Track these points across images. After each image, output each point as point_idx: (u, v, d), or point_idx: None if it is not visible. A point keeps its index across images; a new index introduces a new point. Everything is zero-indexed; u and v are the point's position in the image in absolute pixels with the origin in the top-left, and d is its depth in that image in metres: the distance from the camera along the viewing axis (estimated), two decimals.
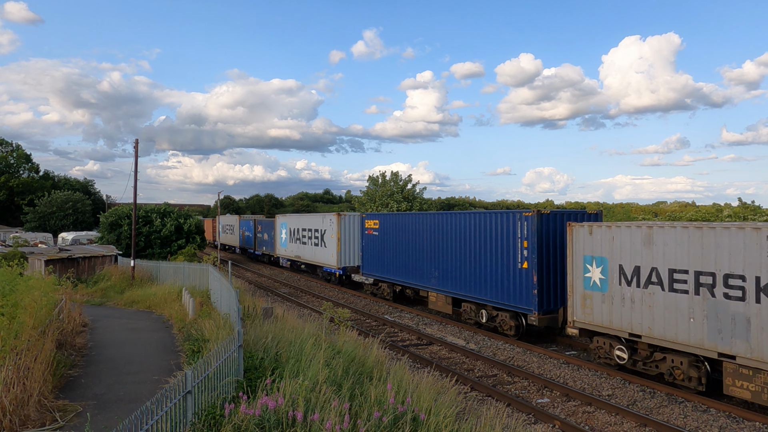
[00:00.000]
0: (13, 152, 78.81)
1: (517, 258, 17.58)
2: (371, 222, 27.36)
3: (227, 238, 61.66)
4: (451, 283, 20.79)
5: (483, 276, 19.13)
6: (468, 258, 19.81)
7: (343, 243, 30.74)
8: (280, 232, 40.97)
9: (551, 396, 13.15)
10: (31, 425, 8.63)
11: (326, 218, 32.54)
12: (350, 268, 30.47)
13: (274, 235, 43.03)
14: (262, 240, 46.87)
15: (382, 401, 8.27)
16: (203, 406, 7.77)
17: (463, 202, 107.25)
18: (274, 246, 43.08)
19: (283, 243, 40.50)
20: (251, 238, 50.50)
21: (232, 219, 59.51)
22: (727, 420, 11.41)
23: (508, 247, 17.94)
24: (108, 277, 28.17)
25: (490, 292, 18.75)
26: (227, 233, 61.62)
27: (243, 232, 53.91)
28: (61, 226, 64.25)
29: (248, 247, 51.47)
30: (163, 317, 19.33)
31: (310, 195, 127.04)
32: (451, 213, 21.08)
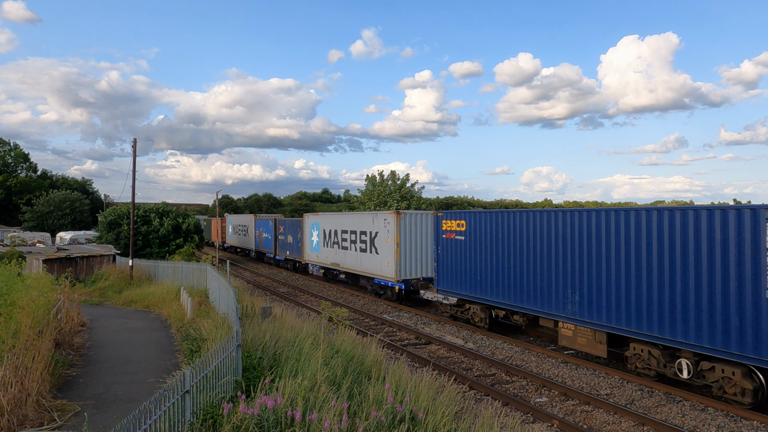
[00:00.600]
0: (11, 151, 78.68)
1: (762, 280, 11.22)
2: (453, 223, 20.77)
3: (239, 240, 55.47)
4: (606, 312, 14.40)
5: (680, 305, 12.64)
6: (646, 275, 13.42)
7: (403, 249, 24.46)
8: (310, 235, 35.13)
9: (549, 395, 13.17)
10: (29, 425, 8.62)
11: (378, 218, 26.56)
12: (415, 282, 24.25)
13: (301, 237, 37.20)
14: (285, 243, 41.18)
15: (380, 400, 8.28)
16: (202, 406, 7.77)
17: (462, 201, 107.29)
18: (301, 250, 37.38)
19: (314, 247, 34.69)
20: (270, 241, 44.67)
21: (246, 219, 52.93)
22: (725, 419, 11.43)
23: (740, 262, 11.57)
24: (106, 277, 28.15)
25: (696, 331, 12.31)
26: (239, 234, 55.48)
27: (260, 234, 47.66)
28: (59, 226, 64.16)
29: (266, 251, 45.84)
30: (162, 317, 19.32)
31: (309, 194, 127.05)
32: (615, 210, 14.42)
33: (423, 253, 24.86)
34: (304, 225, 36.33)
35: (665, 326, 12.95)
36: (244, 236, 53.35)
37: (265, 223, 45.91)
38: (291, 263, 40.98)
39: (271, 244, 44.39)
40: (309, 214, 35.47)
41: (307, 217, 35.82)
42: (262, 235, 46.79)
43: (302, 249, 37.06)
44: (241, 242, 54.42)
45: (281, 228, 42.12)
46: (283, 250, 41.80)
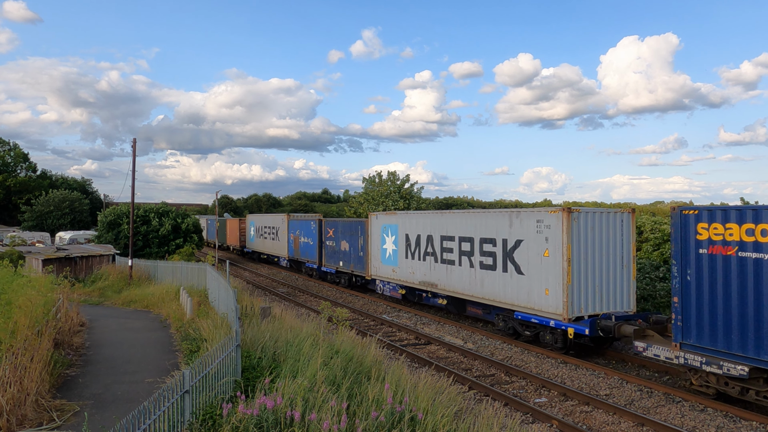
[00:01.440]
0: (10, 151, 78.63)
1: None
2: (730, 227, 11.45)
3: (265, 245, 45.98)
4: None
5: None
6: None
7: (578, 268, 15.73)
8: (381, 241, 26.18)
9: (549, 395, 13.17)
10: (28, 425, 8.61)
11: (525, 219, 17.36)
12: (608, 323, 15.00)
13: (365, 244, 28.29)
14: (335, 251, 32.08)
15: (380, 401, 8.27)
16: (201, 406, 7.77)
17: (461, 201, 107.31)
18: (364, 262, 28.59)
19: (387, 258, 25.58)
20: (311, 248, 35.54)
21: (275, 219, 43.54)
22: (724, 419, 11.43)
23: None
24: (106, 277, 28.12)
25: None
26: (265, 238, 46.09)
27: (295, 238, 38.38)
28: (58, 226, 64.09)
29: (306, 260, 36.75)
30: (161, 317, 19.31)
31: (308, 194, 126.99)
32: None
33: (607, 275, 16.27)
34: (370, 228, 27.56)
35: None
36: (272, 240, 43.84)
37: (305, 225, 36.97)
38: (344, 277, 31.32)
39: (313, 252, 35.21)
40: (379, 214, 26.86)
41: (376, 218, 26.93)
42: (300, 239, 37.45)
43: (366, 260, 28.05)
44: (268, 247, 44.80)
45: (329, 231, 32.99)
46: (332, 259, 32.54)
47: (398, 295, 24.93)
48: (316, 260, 34.86)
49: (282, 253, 41.45)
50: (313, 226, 35.28)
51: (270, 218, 45.57)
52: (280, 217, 42.15)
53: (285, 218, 40.73)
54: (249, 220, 49.50)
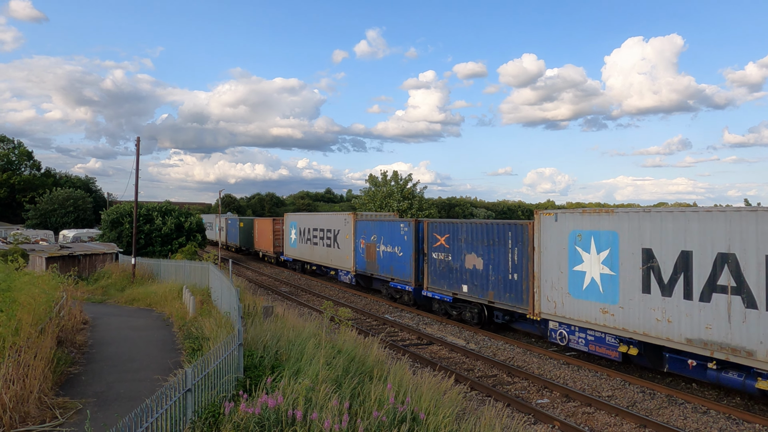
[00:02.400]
0: (14, 149, 78.87)
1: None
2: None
3: (315, 253, 35.50)
4: None
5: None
6: None
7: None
8: (572, 258, 15.80)
9: (551, 396, 13.15)
10: (31, 422, 8.63)
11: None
12: None
13: (526, 262, 17.51)
14: (453, 268, 21.14)
15: (382, 401, 8.27)
16: (203, 405, 7.78)
17: (464, 202, 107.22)
18: (521, 290, 17.73)
19: (591, 288, 15.16)
20: (401, 260, 25.00)
21: (333, 219, 33.25)
22: (726, 422, 11.39)
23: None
24: (109, 275, 28.19)
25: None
26: (315, 243, 35.55)
27: (371, 246, 27.97)
28: (62, 224, 64.27)
29: (389, 276, 26.12)
30: (164, 315, 19.34)
31: (312, 194, 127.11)
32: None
33: None
34: (539, 235, 16.71)
35: None
36: (326, 248, 33.90)
37: (387, 227, 26.50)
38: (471, 309, 20.40)
39: (403, 266, 24.91)
40: (561, 212, 16.38)
41: (555, 220, 16.34)
42: (377, 248, 27.24)
43: (529, 287, 17.26)
44: (321, 257, 34.67)
45: (439, 238, 22.05)
46: (444, 280, 21.68)
47: (614, 355, 14.66)
48: (408, 278, 24.31)
49: (344, 264, 31.02)
50: (404, 229, 24.76)
51: (323, 218, 35.00)
52: (341, 217, 32.04)
53: (350, 218, 30.51)
54: (289, 220, 40.06)
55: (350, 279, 30.56)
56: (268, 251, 45.32)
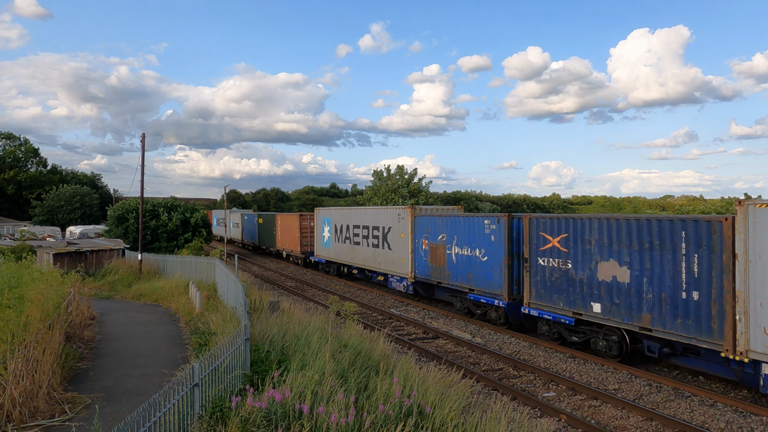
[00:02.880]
0: (21, 147, 79.26)
1: None
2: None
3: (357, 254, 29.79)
4: None
5: None
6: None
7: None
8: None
9: (557, 390, 13.15)
10: (40, 417, 8.71)
11: None
12: None
13: (726, 278, 11.87)
14: (576, 281, 15.83)
15: (388, 394, 8.29)
16: (210, 399, 7.82)
17: (470, 196, 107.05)
18: (710, 317, 12.28)
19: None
20: (487, 266, 19.50)
21: (382, 214, 27.22)
22: (734, 414, 11.37)
23: None
24: (115, 271, 28.34)
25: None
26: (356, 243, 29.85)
27: (438, 247, 22.35)
28: (68, 220, 64.62)
29: (466, 286, 20.66)
30: (171, 310, 19.45)
31: (316, 189, 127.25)
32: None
33: None
34: (749, 237, 11.51)
35: None
36: (371, 248, 28.00)
37: (464, 225, 20.84)
38: (608, 337, 15.21)
39: (491, 274, 19.28)
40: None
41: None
42: (449, 250, 21.56)
43: (728, 313, 11.92)
44: (364, 259, 28.98)
45: (550, 238, 16.78)
46: (560, 296, 16.43)
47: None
48: (497, 290, 18.80)
49: (397, 269, 25.54)
50: (489, 227, 19.21)
51: (369, 214, 28.69)
52: (393, 212, 26.08)
53: (406, 213, 24.60)
54: (321, 215, 34.71)
55: (406, 286, 24.99)
56: (294, 251, 39.97)
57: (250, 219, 53.93)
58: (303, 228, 38.79)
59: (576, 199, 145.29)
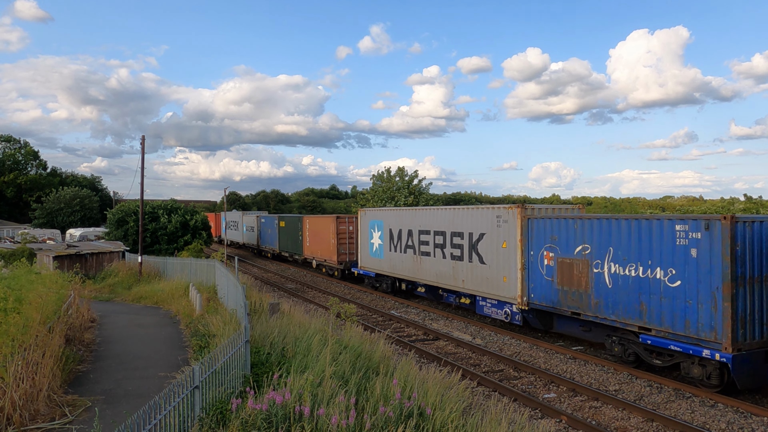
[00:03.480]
0: (21, 149, 79.28)
1: None
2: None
3: (425, 268, 23.45)
4: None
5: None
6: None
7: None
8: None
9: (558, 391, 13.14)
10: (41, 420, 8.71)
11: None
12: None
13: None
14: None
15: (388, 396, 8.29)
16: (211, 401, 7.82)
17: (469, 197, 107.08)
18: None
19: None
20: (690, 297, 12.54)
21: (475, 218, 20.42)
22: (735, 415, 11.36)
23: None
24: (116, 273, 28.33)
25: None
26: (425, 253, 23.40)
27: (584, 267, 15.37)
28: (68, 223, 64.66)
29: (647, 325, 13.51)
30: (171, 313, 19.44)
31: (316, 191, 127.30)
32: None
33: None
34: None
35: None
36: (450, 260, 21.71)
37: (628, 231, 14.22)
38: None
39: (691, 310, 12.62)
40: None
41: None
42: (599, 269, 15.02)
43: None
44: (436, 272, 22.78)
45: None
46: None
47: None
48: (709, 333, 12.30)
49: (495, 290, 19.11)
50: (690, 236, 12.76)
51: (446, 215, 22.11)
52: (489, 213, 19.64)
53: (512, 215, 18.30)
54: (368, 218, 27.86)
55: (509, 314, 18.55)
56: (328, 260, 33.28)
57: (268, 222, 47.18)
58: (340, 233, 32.21)
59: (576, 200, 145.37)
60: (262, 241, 49.15)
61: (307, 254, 37.41)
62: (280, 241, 43.35)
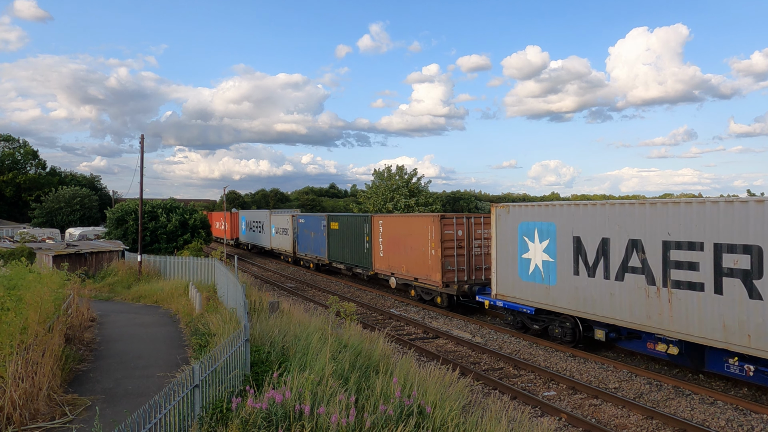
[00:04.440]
0: (20, 149, 79.20)
1: None
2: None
3: (691, 309, 12.44)
4: None
5: None
6: None
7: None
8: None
9: (557, 389, 13.16)
10: (41, 419, 8.71)
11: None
12: None
13: None
14: None
15: (388, 394, 8.29)
16: (211, 400, 7.82)
17: (469, 195, 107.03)
18: None
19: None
20: None
21: None
22: (734, 412, 11.38)
23: None
24: (115, 272, 28.31)
25: None
26: (677, 285, 12.59)
27: None
28: (68, 222, 64.60)
29: None
30: (170, 312, 19.44)
31: (316, 189, 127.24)
32: None
33: None
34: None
35: None
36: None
37: None
38: None
39: None
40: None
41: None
42: None
43: None
44: (705, 316, 12.17)
45: None
46: None
47: None
48: None
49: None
50: None
51: (741, 212, 11.49)
52: None
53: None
54: (515, 218, 18.01)
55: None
56: (426, 280, 23.14)
57: (310, 223, 37.05)
58: (446, 240, 21.98)
59: (575, 197, 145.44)
60: (299, 248, 39.03)
61: (379, 268, 27.31)
62: (331, 249, 33.47)
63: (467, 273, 22.28)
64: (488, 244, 22.18)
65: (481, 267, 22.50)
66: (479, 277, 22.39)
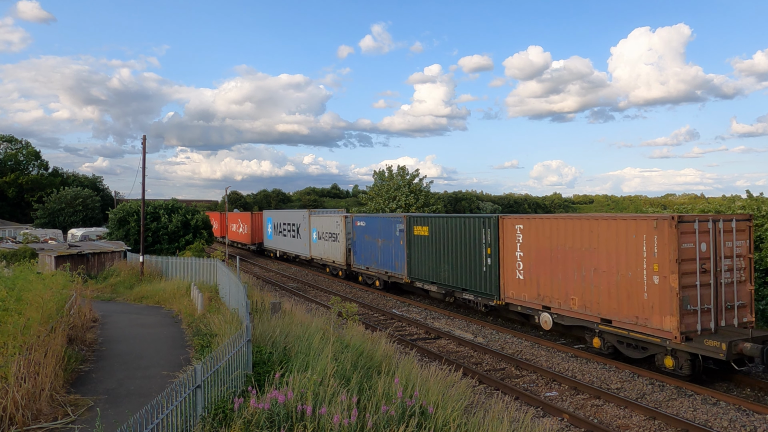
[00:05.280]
0: (22, 150, 79.34)
1: None
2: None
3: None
4: None
5: None
6: None
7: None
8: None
9: (560, 389, 13.14)
10: (43, 419, 8.72)
11: None
12: None
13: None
14: None
15: (390, 395, 8.29)
16: (213, 401, 7.83)
17: (470, 196, 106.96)
18: None
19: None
20: None
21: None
22: (737, 413, 11.35)
23: None
24: (117, 273, 28.34)
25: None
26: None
27: None
28: (70, 223, 64.68)
29: None
30: (173, 312, 19.45)
31: (318, 190, 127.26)
32: None
33: None
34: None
35: None
36: None
37: None
38: None
39: None
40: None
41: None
42: None
43: None
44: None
45: None
46: None
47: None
48: None
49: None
50: None
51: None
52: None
53: None
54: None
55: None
56: (637, 326, 13.75)
57: (377, 226, 28.39)
58: (684, 259, 13.01)
59: (577, 198, 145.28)
60: (356, 258, 30.70)
61: (515, 296, 18.29)
62: (413, 262, 24.69)
63: (714, 315, 13.46)
64: (741, 265, 13.97)
65: (733, 305, 13.73)
66: (730, 321, 13.70)
